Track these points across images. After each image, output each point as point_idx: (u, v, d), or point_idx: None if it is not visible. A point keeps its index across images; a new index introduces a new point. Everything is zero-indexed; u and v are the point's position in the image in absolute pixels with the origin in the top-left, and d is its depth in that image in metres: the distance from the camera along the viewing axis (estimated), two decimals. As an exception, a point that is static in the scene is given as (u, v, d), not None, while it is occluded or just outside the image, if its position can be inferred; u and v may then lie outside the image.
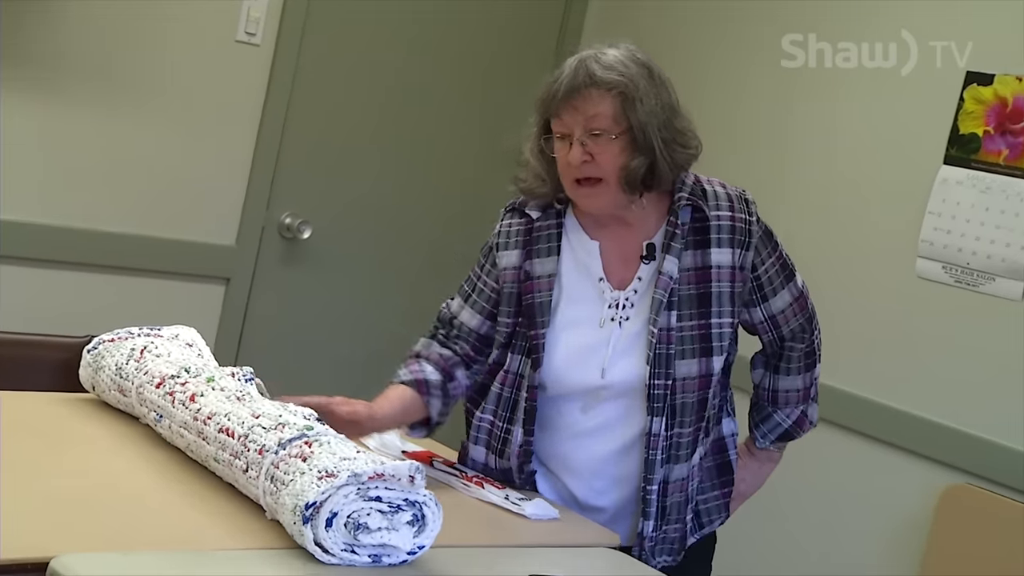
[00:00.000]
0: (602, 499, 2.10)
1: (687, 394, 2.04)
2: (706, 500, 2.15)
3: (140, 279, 3.40)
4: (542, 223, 2.11)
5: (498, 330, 2.12)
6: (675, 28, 3.80)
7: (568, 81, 2.00)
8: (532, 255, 2.10)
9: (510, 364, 2.10)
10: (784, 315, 2.16)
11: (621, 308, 2.06)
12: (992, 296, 2.99)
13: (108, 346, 2.11)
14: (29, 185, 3.19)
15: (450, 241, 3.94)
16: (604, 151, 2.00)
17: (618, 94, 1.99)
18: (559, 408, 2.09)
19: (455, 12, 3.82)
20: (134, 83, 3.29)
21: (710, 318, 2.05)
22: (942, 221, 3.10)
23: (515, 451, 2.10)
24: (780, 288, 2.14)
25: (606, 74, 1.99)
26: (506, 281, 2.11)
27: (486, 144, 3.95)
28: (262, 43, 3.44)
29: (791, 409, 2.24)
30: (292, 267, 3.68)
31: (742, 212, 2.08)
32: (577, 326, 2.07)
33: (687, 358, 2.03)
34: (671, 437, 2.05)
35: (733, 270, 2.07)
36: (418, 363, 2.14)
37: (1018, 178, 2.98)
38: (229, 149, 3.47)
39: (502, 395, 2.11)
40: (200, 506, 1.74)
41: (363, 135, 3.73)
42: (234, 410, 1.82)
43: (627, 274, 2.08)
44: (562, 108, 2.01)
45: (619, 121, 2.00)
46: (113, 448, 1.92)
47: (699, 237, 2.06)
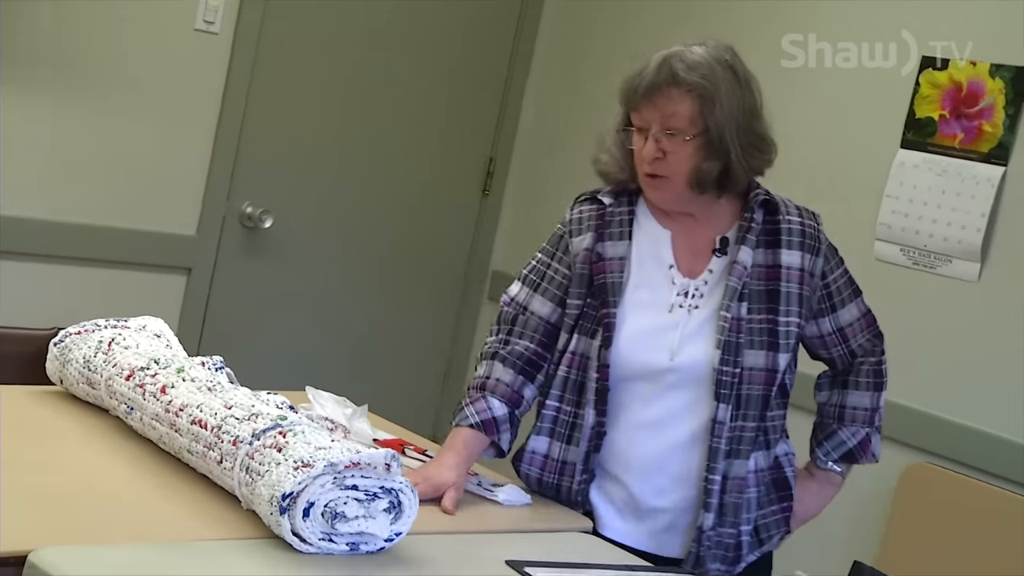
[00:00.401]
0: (663, 499, 2.08)
1: (753, 386, 2.05)
2: (764, 516, 2.13)
3: (100, 270, 3.37)
4: (614, 208, 2.13)
5: (567, 312, 2.11)
6: (639, 25, 3.82)
7: (651, 78, 2.02)
8: (604, 238, 2.11)
9: (576, 346, 2.09)
10: (852, 328, 2.17)
11: (691, 296, 2.07)
12: (949, 278, 3.04)
13: (75, 339, 2.10)
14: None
15: (409, 231, 3.94)
16: (677, 151, 2.03)
17: (697, 96, 2.01)
18: (621, 398, 2.08)
19: (416, 2, 3.81)
20: (92, 73, 3.26)
21: (778, 315, 2.06)
22: (900, 204, 3.14)
23: (586, 434, 2.07)
24: (848, 301, 2.16)
25: (688, 74, 2.01)
26: (578, 263, 2.12)
27: (445, 132, 3.96)
28: (221, 31, 3.41)
29: (856, 428, 2.20)
30: (254, 257, 3.66)
31: (811, 220, 2.13)
32: (646, 308, 2.07)
33: (755, 348, 2.04)
34: (735, 429, 2.05)
35: (802, 273, 2.09)
36: (484, 400, 2.10)
37: (973, 161, 3.02)
38: (189, 139, 3.45)
39: (568, 378, 2.10)
40: (175, 498, 1.73)
41: (324, 123, 3.72)
42: (206, 401, 1.81)
43: (697, 265, 2.10)
44: (642, 103, 2.04)
45: (695, 122, 2.02)
46: (84, 441, 1.91)
47: (770, 237, 2.09)
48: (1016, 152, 2.96)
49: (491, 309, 4.13)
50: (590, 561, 1.85)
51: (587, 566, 1.82)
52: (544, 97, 4.05)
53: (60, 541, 1.51)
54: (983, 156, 3.01)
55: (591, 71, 3.92)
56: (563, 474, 2.10)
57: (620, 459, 2.08)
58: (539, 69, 4.06)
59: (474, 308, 4.13)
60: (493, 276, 4.12)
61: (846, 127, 3.27)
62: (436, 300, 4.07)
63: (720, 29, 3.48)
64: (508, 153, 4.08)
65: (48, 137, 3.23)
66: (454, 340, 4.12)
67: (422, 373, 4.09)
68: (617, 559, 1.91)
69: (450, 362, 4.13)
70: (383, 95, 3.80)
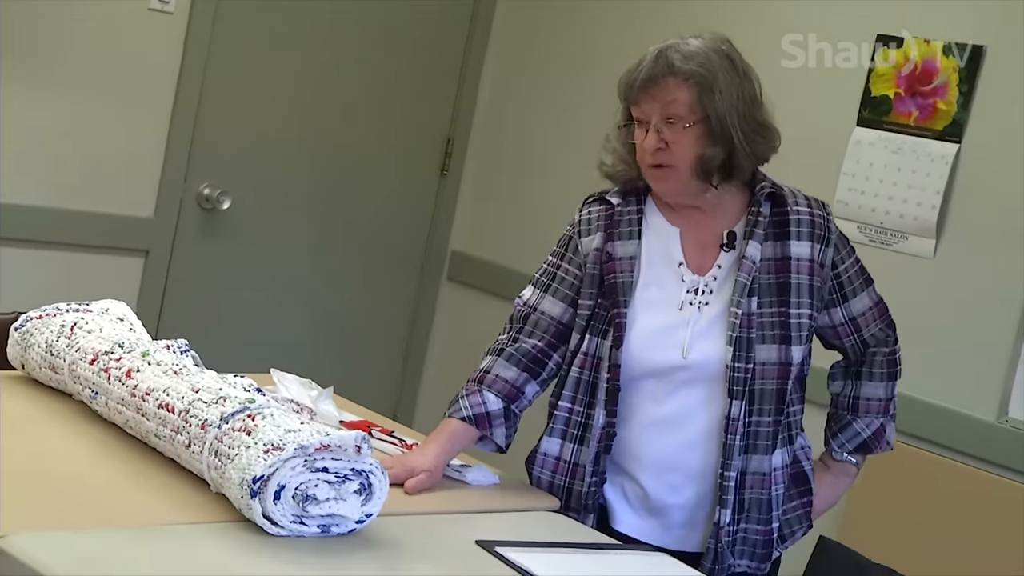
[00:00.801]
0: (677, 496, 2.07)
1: (766, 380, 2.05)
2: (786, 512, 2.14)
3: (56, 253, 3.34)
4: (623, 208, 2.13)
5: (579, 314, 2.11)
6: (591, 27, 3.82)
7: (648, 69, 2.04)
8: (613, 237, 2.11)
9: (588, 346, 2.09)
10: (865, 318, 2.17)
11: (700, 293, 2.07)
12: (906, 254, 3.08)
13: (36, 323, 2.08)
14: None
15: (368, 211, 3.93)
16: (678, 139, 2.04)
17: (695, 83, 2.03)
18: (632, 396, 2.07)
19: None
20: (44, 54, 3.21)
21: (789, 307, 2.06)
22: (856, 182, 3.17)
23: (596, 435, 2.07)
24: (860, 290, 2.17)
25: (685, 64, 2.03)
26: (588, 263, 2.12)
27: (403, 112, 3.94)
28: (176, 11, 3.37)
29: (871, 419, 2.21)
30: (212, 238, 3.64)
31: (820, 210, 2.14)
32: (656, 307, 2.08)
33: (767, 343, 2.05)
34: (750, 424, 2.05)
35: (812, 263, 2.09)
36: (479, 393, 2.09)
37: (928, 139, 3.06)
38: (145, 119, 3.41)
39: (581, 379, 2.10)
40: (143, 482, 1.73)
41: (281, 104, 3.69)
42: (173, 384, 1.80)
43: (706, 261, 2.10)
44: (640, 96, 2.05)
45: (695, 110, 2.03)
46: (48, 427, 1.90)
47: (778, 230, 2.09)
48: (970, 129, 3.00)
49: (451, 289, 4.13)
50: (559, 540, 1.86)
51: (556, 545, 1.83)
52: (501, 76, 4.04)
53: (29, 527, 1.49)
54: (937, 134, 3.05)
55: (549, 49, 3.92)
56: (574, 477, 2.09)
57: (633, 457, 2.08)
58: (496, 48, 4.05)
59: (433, 288, 4.13)
60: (452, 256, 4.12)
61: (803, 105, 3.29)
62: (396, 280, 4.06)
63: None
64: (466, 133, 4.08)
65: (2, 119, 3.18)
66: (414, 320, 4.12)
67: (383, 353, 4.08)
68: (585, 537, 1.93)
69: (410, 342, 4.13)
70: (341, 75, 3.78)
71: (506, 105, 4.03)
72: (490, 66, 4.05)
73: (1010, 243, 2.91)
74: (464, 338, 4.00)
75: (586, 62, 3.79)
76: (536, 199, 3.87)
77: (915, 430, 3.00)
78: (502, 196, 4.03)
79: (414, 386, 4.15)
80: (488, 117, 4.07)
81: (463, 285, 4.09)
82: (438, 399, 4.10)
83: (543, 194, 3.84)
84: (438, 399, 4.10)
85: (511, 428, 2.11)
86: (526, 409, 2.13)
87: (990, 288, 2.94)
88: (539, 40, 3.95)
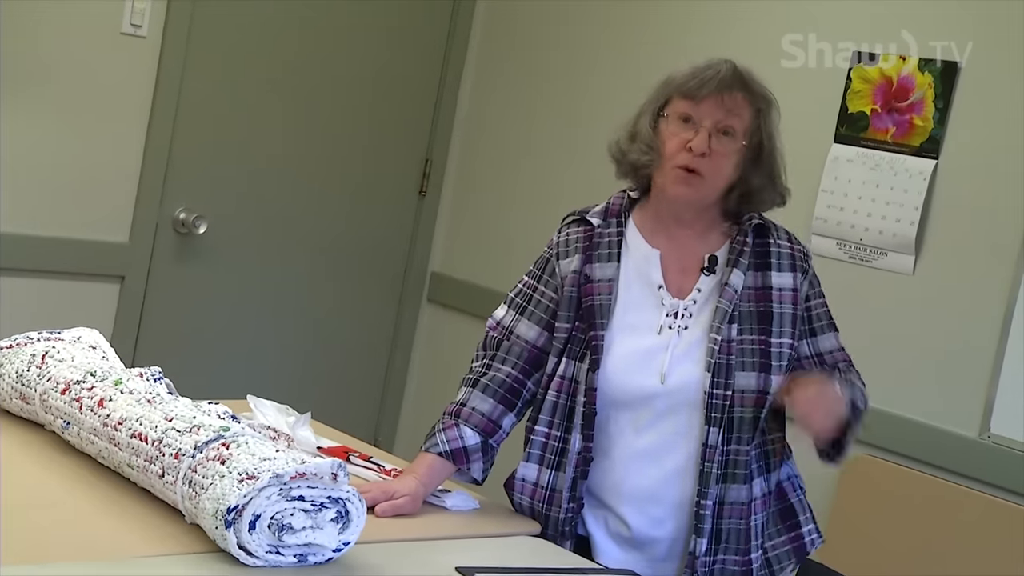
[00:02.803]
0: (659, 529, 2.05)
1: (745, 408, 2.03)
2: (775, 546, 2.11)
3: (29, 280, 3.30)
4: (603, 230, 2.12)
5: (556, 336, 2.09)
6: (585, 22, 3.82)
7: (726, 76, 2.04)
8: (592, 259, 2.09)
9: (565, 370, 2.07)
10: (833, 356, 2.14)
11: (680, 317, 2.06)
12: (885, 271, 3.07)
13: (6, 353, 2.05)
14: (-91, 187, 3.08)
15: (346, 233, 3.91)
16: (725, 153, 2.04)
17: (758, 109, 2.06)
18: (611, 427, 2.05)
19: (347, 2, 3.78)
20: (16, 79, 3.19)
21: (770, 336, 2.05)
22: (834, 199, 3.16)
23: (572, 459, 2.04)
24: (827, 330, 2.14)
25: (756, 86, 2.07)
26: (566, 285, 2.10)
27: (380, 133, 3.93)
28: (148, 35, 3.36)
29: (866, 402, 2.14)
30: (188, 263, 3.61)
31: (800, 246, 2.14)
32: (635, 331, 2.06)
33: (746, 370, 2.03)
34: (728, 453, 2.02)
35: (795, 292, 2.09)
36: (456, 428, 2.07)
37: (906, 155, 3.06)
38: (119, 144, 3.39)
39: (558, 403, 2.08)
40: (116, 513, 1.70)
41: (257, 127, 3.67)
42: (146, 414, 1.78)
43: (686, 284, 2.09)
44: (708, 97, 2.04)
45: (751, 132, 2.06)
46: (19, 458, 1.87)
47: (759, 260, 2.09)
48: (946, 145, 3.00)
49: (431, 311, 4.11)
50: (539, 565, 1.84)
51: (536, 571, 1.81)
52: (479, 97, 4.04)
53: (2, 560, 1.46)
54: (915, 149, 3.04)
55: (527, 70, 3.91)
56: (551, 503, 2.06)
57: (615, 490, 2.06)
58: (472, 68, 4.04)
59: (414, 311, 4.11)
60: (432, 278, 4.10)
61: (781, 121, 3.28)
62: (375, 303, 4.04)
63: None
64: (444, 153, 4.06)
65: (-27, 145, 3.16)
66: (394, 343, 4.09)
67: (362, 377, 4.05)
68: (566, 562, 1.91)
69: (390, 365, 4.10)
70: (316, 97, 3.77)
71: (484, 125, 4.02)
72: (467, 87, 4.04)
73: (991, 257, 2.91)
74: (445, 359, 3.98)
75: (564, 83, 3.78)
76: (515, 219, 3.85)
77: (897, 446, 2.99)
78: (481, 216, 4.02)
79: (395, 409, 4.12)
80: (466, 137, 4.06)
81: (443, 306, 4.07)
82: (420, 421, 4.08)
83: (522, 214, 3.83)
84: (420, 421, 4.08)
85: (488, 462, 2.09)
86: (503, 440, 2.11)
87: (970, 303, 2.94)
88: (517, 61, 3.94)
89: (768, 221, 2.14)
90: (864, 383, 2.17)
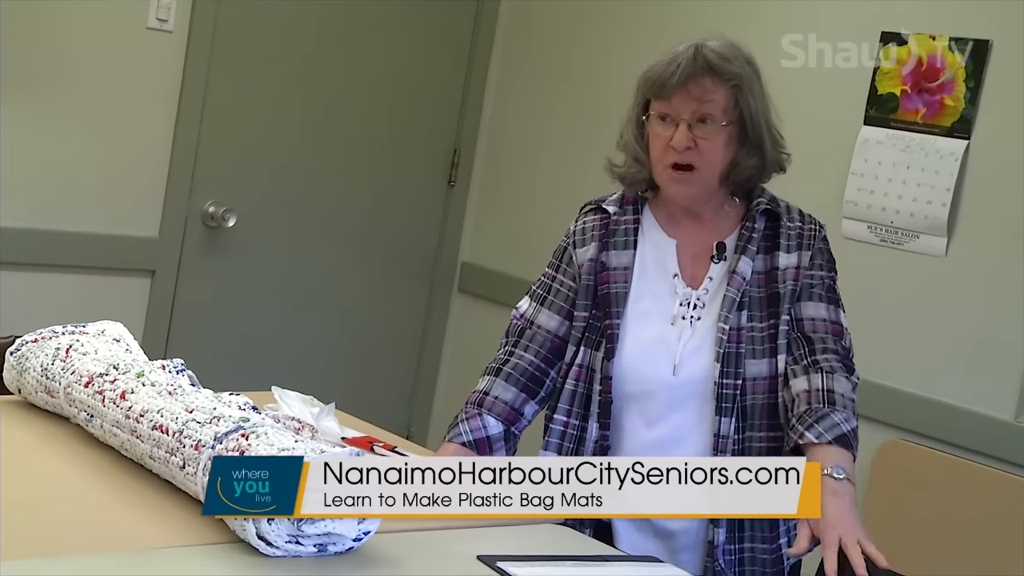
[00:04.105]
0: (677, 520, 2.02)
1: (757, 395, 2.01)
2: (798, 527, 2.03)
3: (62, 275, 3.33)
4: (619, 218, 2.12)
5: (574, 325, 2.09)
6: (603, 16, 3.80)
7: (686, 67, 2.00)
8: (608, 247, 2.09)
9: (583, 358, 2.08)
10: (813, 323, 2.03)
11: (693, 307, 2.05)
12: (917, 253, 3.04)
13: (32, 347, 2.06)
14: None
15: (375, 224, 3.91)
16: (710, 139, 2.01)
17: (733, 86, 2.02)
18: (625, 420, 2.05)
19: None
20: (45, 76, 3.21)
21: (779, 318, 2.03)
22: (865, 181, 3.13)
23: (590, 448, 2.05)
24: (816, 299, 2.05)
25: (724, 64, 2.01)
26: (583, 274, 2.10)
27: (408, 124, 3.93)
28: (175, 29, 3.37)
29: (847, 415, 1.95)
30: (218, 256, 3.62)
31: (811, 224, 2.10)
32: (648, 319, 2.05)
33: (757, 358, 2.01)
34: (743, 441, 2.01)
35: (797, 270, 2.05)
36: (479, 417, 2.08)
37: (936, 135, 3.02)
38: (147, 139, 3.41)
39: (576, 392, 2.08)
40: (138, 505, 1.70)
41: (284, 119, 3.68)
42: (167, 406, 1.78)
43: (698, 272, 2.07)
44: (675, 92, 2.01)
45: (729, 112, 2.02)
46: (44, 450, 1.88)
47: (769, 243, 2.07)
48: (978, 125, 2.96)
49: (462, 301, 4.10)
50: (563, 553, 1.83)
51: (559, 558, 1.80)
52: (506, 85, 4.02)
53: (22, 554, 1.47)
54: (946, 130, 3.00)
55: (554, 59, 3.90)
56: None
57: None
58: (500, 58, 4.03)
59: (444, 301, 4.11)
60: (462, 268, 4.10)
61: (809, 106, 3.25)
62: (405, 295, 4.04)
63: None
64: (472, 143, 4.06)
65: (5, 142, 3.18)
66: (424, 334, 4.09)
67: (393, 369, 4.06)
68: (590, 550, 1.89)
69: (422, 356, 4.10)
70: (343, 89, 3.77)
71: (512, 114, 4.01)
72: (494, 76, 4.03)
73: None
74: (476, 349, 3.97)
75: (591, 71, 3.77)
76: (544, 208, 3.84)
77: (931, 430, 2.96)
78: (510, 205, 4.01)
79: (427, 400, 4.13)
80: (494, 126, 4.05)
81: (473, 296, 4.06)
82: (452, 412, 4.05)
83: (551, 202, 3.82)
84: (452, 412, 4.05)
85: (511, 450, 2.09)
86: (525, 429, 2.12)
87: (1004, 285, 2.90)
88: (544, 50, 3.93)
89: (779, 203, 2.11)
90: (856, 377, 2.03)
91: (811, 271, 2.07)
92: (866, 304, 3.10)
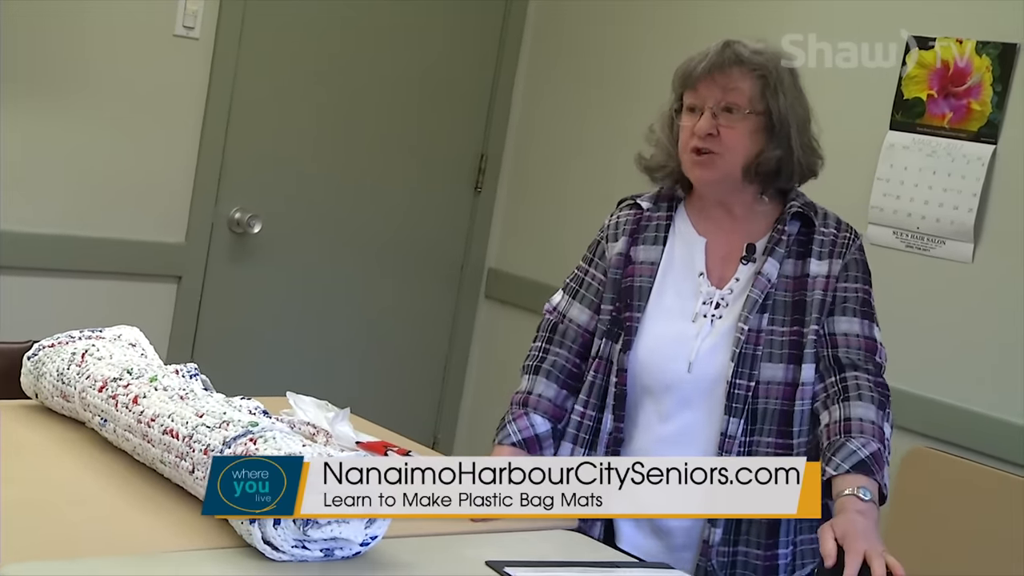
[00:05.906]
0: (673, 520, 2.02)
1: (770, 400, 2.00)
2: (803, 542, 2.04)
3: (89, 281, 3.36)
4: (652, 213, 2.13)
5: (600, 318, 2.11)
6: (631, 19, 3.79)
7: (714, 57, 2.03)
8: (638, 242, 2.11)
9: (602, 350, 2.09)
10: (846, 339, 2.01)
11: (715, 307, 2.04)
12: (944, 259, 3.00)
13: (48, 352, 2.08)
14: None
15: (401, 230, 3.92)
16: (733, 127, 2.02)
17: (760, 76, 2.03)
18: (639, 414, 2.06)
19: (399, 1, 3.78)
20: (72, 81, 3.24)
21: (804, 325, 2.01)
22: (891, 187, 3.10)
23: (604, 439, 2.06)
24: (852, 316, 2.02)
25: (752, 56, 2.03)
26: (611, 267, 2.12)
27: (435, 129, 3.93)
28: (201, 36, 3.39)
29: (866, 439, 1.91)
30: (244, 262, 3.64)
31: (847, 233, 2.09)
32: (669, 315, 2.06)
33: (774, 362, 2.00)
34: (750, 444, 1.99)
35: (828, 279, 2.04)
36: (526, 416, 2.11)
37: (963, 140, 2.99)
38: (174, 145, 3.43)
39: (595, 383, 2.10)
40: (148, 509, 1.71)
41: (310, 126, 3.70)
42: (178, 410, 1.79)
43: (726, 272, 2.07)
44: (701, 81, 2.03)
45: (755, 103, 2.02)
46: (59, 455, 1.89)
47: (801, 248, 2.06)
48: (1005, 130, 2.92)
49: (489, 307, 4.10)
50: (572, 559, 1.82)
51: (568, 564, 1.79)
52: (534, 91, 4.02)
53: (34, 556, 1.49)
54: (972, 135, 2.97)
55: (582, 64, 3.89)
56: None
57: None
58: (527, 61, 4.03)
59: (471, 307, 4.11)
60: (489, 274, 4.10)
61: (835, 109, 3.22)
62: (432, 301, 4.04)
63: (721, 29, 3.45)
64: (499, 149, 4.06)
65: (33, 149, 3.22)
66: (451, 341, 4.09)
67: (420, 376, 4.06)
68: (599, 556, 1.89)
69: (449, 362, 4.10)
70: (369, 95, 3.78)
71: (539, 118, 4.00)
72: (522, 79, 4.03)
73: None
74: (503, 356, 3.97)
75: (620, 74, 3.75)
76: (571, 214, 3.83)
77: (956, 437, 2.93)
78: (537, 211, 4.00)
79: (454, 407, 4.13)
80: (521, 131, 4.05)
81: (500, 303, 4.06)
82: (479, 419, 4.09)
83: (578, 208, 3.81)
84: (479, 419, 4.09)
85: (558, 447, 2.11)
86: (566, 425, 2.13)
87: (1032, 291, 2.86)
88: (572, 52, 3.92)
89: (815, 208, 2.10)
90: (883, 383, 2.01)
91: (845, 283, 2.05)
92: (891, 310, 3.06)
